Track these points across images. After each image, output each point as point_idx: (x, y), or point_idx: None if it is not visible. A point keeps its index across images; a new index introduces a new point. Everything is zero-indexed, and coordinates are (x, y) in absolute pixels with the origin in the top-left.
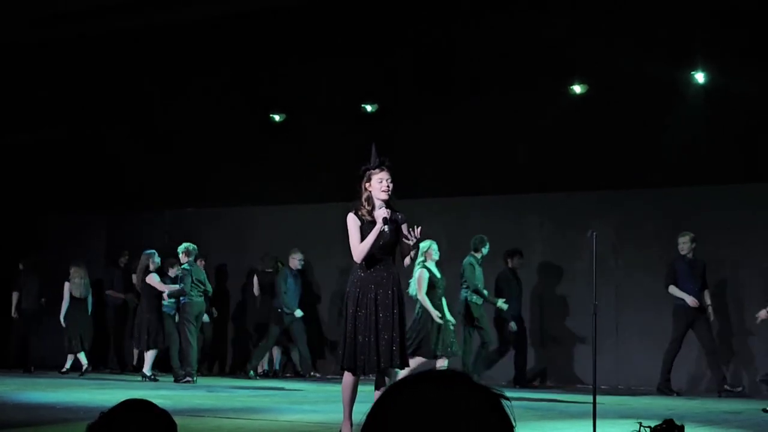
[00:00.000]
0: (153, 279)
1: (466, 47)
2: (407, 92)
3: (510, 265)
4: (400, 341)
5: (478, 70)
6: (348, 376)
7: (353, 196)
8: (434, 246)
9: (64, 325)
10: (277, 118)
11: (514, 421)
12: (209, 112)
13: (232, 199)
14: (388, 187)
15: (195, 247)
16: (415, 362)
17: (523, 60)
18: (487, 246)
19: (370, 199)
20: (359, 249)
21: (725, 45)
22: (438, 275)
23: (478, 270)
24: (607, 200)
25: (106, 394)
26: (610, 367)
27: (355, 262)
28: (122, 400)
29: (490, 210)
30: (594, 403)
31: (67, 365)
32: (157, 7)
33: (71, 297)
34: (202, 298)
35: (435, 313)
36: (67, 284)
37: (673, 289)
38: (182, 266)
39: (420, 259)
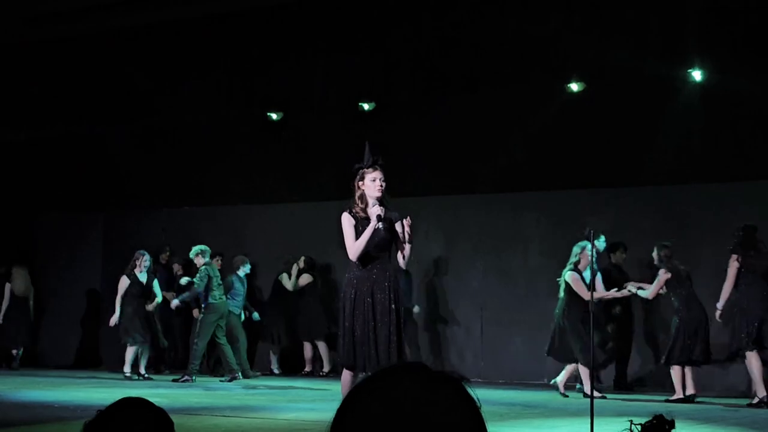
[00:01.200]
0: (123, 281)
1: (462, 45)
2: (404, 90)
3: (613, 260)
4: (397, 338)
5: (474, 68)
6: (347, 374)
7: (350, 194)
8: (589, 247)
9: (0, 322)
10: (274, 116)
11: (478, 401)
12: (206, 110)
13: (229, 197)
14: (381, 186)
15: (208, 249)
16: (583, 372)
17: (519, 58)
18: (602, 239)
19: (363, 197)
20: (354, 247)
21: (722, 43)
22: (587, 279)
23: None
24: (603, 198)
25: (103, 392)
26: (607, 364)
27: (351, 261)
28: (119, 398)
29: (486, 207)
30: (591, 400)
31: (17, 361)
32: (154, 6)
33: (12, 295)
34: (224, 299)
35: (626, 291)
36: (8, 284)
37: None
38: (201, 267)
39: (574, 260)
